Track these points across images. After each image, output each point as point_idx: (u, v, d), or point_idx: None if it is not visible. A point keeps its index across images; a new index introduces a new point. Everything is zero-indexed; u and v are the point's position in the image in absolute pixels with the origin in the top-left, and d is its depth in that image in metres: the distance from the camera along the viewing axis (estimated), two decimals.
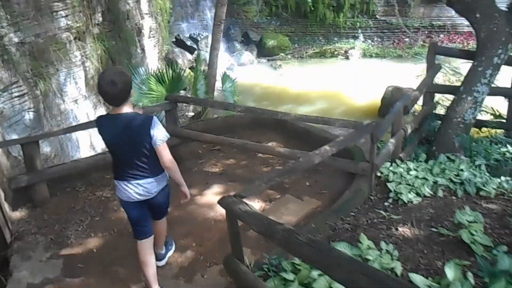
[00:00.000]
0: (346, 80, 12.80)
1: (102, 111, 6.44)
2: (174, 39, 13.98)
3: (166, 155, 2.43)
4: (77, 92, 5.86)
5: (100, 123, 2.49)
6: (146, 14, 10.58)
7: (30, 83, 4.87)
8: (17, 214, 3.60)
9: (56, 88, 5.43)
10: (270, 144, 4.35)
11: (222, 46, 10.28)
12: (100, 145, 6.16)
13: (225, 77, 7.80)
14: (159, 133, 2.40)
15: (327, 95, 11.76)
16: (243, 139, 4.09)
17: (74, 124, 5.88)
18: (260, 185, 2.44)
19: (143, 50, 9.83)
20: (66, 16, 5.82)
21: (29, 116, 4.93)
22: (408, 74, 12.88)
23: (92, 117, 5.97)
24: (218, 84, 8.64)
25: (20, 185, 3.36)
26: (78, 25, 6.16)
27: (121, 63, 7.33)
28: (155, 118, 2.46)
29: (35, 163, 3.39)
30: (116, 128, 2.42)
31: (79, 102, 5.84)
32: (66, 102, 5.55)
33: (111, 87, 2.29)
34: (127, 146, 2.43)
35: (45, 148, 5.14)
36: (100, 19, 7.17)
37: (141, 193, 2.49)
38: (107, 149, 2.57)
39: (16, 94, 4.66)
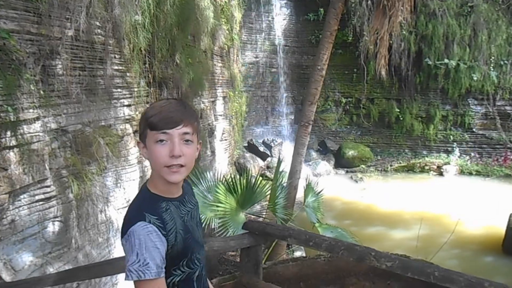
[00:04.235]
0: (445, 200, 10.63)
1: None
2: (246, 144, 13.12)
3: None
4: (125, 199, 4.55)
5: None
6: (221, 115, 9.82)
7: (62, 183, 3.63)
8: None
9: (99, 191, 4.17)
10: None
11: None
12: None
13: (308, 189, 6.21)
14: (129, 255, 1.26)
15: (426, 217, 9.55)
16: None
17: (115, 239, 4.47)
18: None
19: (213, 152, 8.77)
20: (129, 105, 4.82)
21: (53, 227, 3.60)
22: None
23: None
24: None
25: None
26: None
27: None
28: (139, 225, 1.27)
29: None
30: None
31: (124, 212, 4.49)
32: (107, 211, 4.22)
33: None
34: None
35: None
36: None
37: None
38: None
39: (39, 197, 3.40)
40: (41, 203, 3.43)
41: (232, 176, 5.91)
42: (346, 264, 3.00)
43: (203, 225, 4.38)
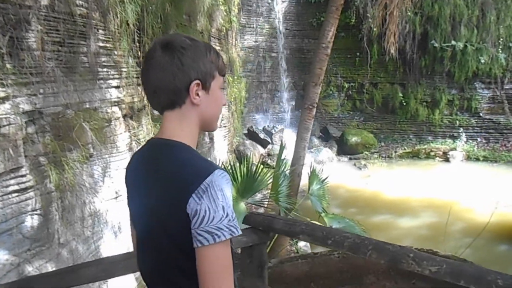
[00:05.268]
0: (453, 187, 10.26)
1: None
2: (246, 131, 12.72)
3: (213, 273, 1.00)
4: (114, 189, 4.16)
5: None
6: None
7: (41, 172, 3.24)
8: None
9: (84, 181, 3.77)
10: None
11: None
12: None
13: (313, 177, 5.82)
14: (212, 212, 1.01)
15: (434, 204, 9.23)
16: None
17: (103, 233, 4.09)
18: None
19: (211, 139, 8.37)
20: (118, 87, 4.40)
21: (31, 221, 3.21)
22: None
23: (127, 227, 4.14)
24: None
25: None
26: (133, 100, 4.73)
27: None
28: (218, 174, 1.04)
29: None
30: (139, 173, 1.18)
31: (113, 204, 4.10)
32: (94, 203, 3.83)
33: (157, 55, 1.07)
34: (148, 226, 1.12)
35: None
36: None
37: None
38: None
39: (13, 187, 3.00)
40: (16, 194, 3.04)
41: (232, 163, 5.52)
42: (363, 261, 2.61)
43: None
